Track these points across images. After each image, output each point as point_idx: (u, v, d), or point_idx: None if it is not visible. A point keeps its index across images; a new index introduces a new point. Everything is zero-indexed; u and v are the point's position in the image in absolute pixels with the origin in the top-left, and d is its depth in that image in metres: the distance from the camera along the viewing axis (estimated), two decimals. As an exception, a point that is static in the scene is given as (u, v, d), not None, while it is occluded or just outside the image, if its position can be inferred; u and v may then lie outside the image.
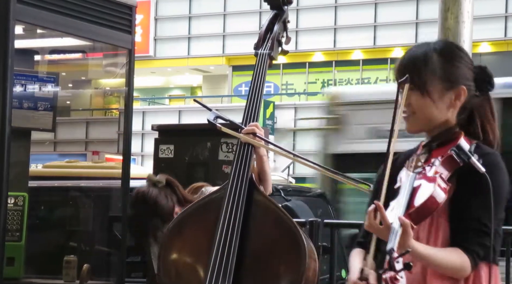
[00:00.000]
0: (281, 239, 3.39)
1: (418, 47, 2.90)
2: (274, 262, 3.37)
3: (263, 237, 3.41)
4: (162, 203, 4.22)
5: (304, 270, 3.26)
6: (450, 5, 5.07)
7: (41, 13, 4.92)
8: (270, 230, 3.41)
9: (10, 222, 5.14)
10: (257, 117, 3.70)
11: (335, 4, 28.81)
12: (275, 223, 3.40)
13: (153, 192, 4.25)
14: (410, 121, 2.82)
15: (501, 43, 27.07)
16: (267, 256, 3.39)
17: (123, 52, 5.70)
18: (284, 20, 4.00)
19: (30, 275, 5.36)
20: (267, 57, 3.83)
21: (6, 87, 4.63)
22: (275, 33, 3.92)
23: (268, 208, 3.43)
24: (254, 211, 3.43)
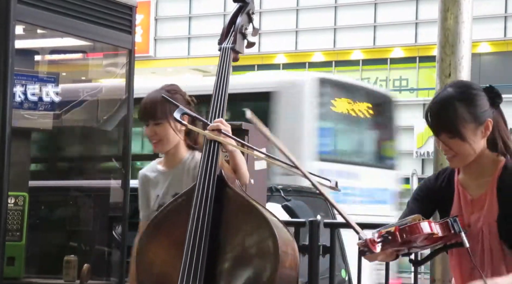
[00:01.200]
0: (253, 230, 3.41)
1: (439, 103, 3.08)
2: (248, 252, 3.40)
3: (236, 230, 3.44)
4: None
5: (278, 259, 3.27)
6: (449, 5, 5.07)
7: (41, 14, 4.92)
8: (242, 223, 3.44)
9: (10, 221, 5.14)
10: (223, 113, 3.65)
11: (335, 4, 28.80)
12: (246, 216, 3.42)
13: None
14: (455, 162, 3.10)
15: (500, 43, 27.06)
16: (241, 248, 3.42)
17: (123, 52, 5.71)
18: (248, 12, 3.98)
19: (30, 275, 5.37)
20: (229, 51, 3.86)
21: (7, 88, 4.64)
22: (237, 26, 3.93)
23: (239, 202, 3.45)
24: (226, 207, 3.44)
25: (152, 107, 3.99)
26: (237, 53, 3.93)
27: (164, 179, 4.01)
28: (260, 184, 4.93)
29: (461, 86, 3.13)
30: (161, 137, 3.98)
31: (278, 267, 3.28)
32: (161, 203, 3.94)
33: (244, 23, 3.96)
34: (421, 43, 27.24)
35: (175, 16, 29.88)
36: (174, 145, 4.02)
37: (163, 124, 3.98)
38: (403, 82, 28.87)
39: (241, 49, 3.93)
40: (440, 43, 5.12)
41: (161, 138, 3.98)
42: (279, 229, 3.37)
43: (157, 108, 3.98)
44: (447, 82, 5.04)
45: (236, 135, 4.76)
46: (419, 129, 25.81)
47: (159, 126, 3.98)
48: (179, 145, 4.04)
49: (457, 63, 5.04)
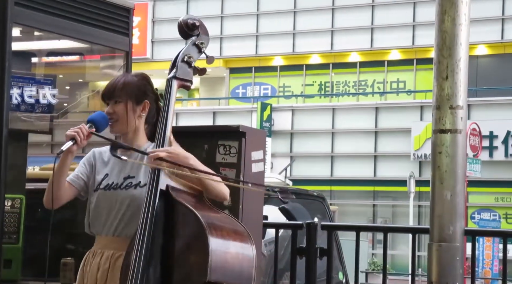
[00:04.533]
0: (192, 235, 3.65)
1: None
2: (188, 255, 3.65)
3: (182, 238, 3.71)
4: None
5: (208, 257, 3.49)
6: (447, 7, 5.07)
7: (38, 16, 4.92)
8: (185, 231, 3.69)
9: (7, 224, 5.14)
10: (165, 141, 3.86)
11: (332, 7, 28.84)
12: (188, 224, 3.65)
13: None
14: None
15: (497, 46, 27.10)
16: (184, 251, 3.68)
17: (120, 54, 5.71)
18: (195, 44, 4.12)
19: (27, 278, 5.36)
20: (171, 80, 3.99)
21: (4, 90, 4.64)
22: (181, 55, 4.06)
23: (183, 214, 3.69)
24: (173, 216, 3.72)
25: (113, 87, 4.07)
26: (185, 81, 4.05)
27: (117, 162, 4.04)
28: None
29: None
30: (118, 117, 4.03)
31: (208, 265, 3.49)
32: (109, 183, 4.01)
33: (190, 53, 4.08)
34: (418, 45, 27.28)
35: (172, 18, 29.88)
36: (132, 129, 4.06)
37: (121, 103, 4.03)
38: (401, 84, 28.90)
39: (187, 76, 4.05)
40: (437, 45, 5.12)
41: (118, 118, 4.03)
42: (213, 232, 3.58)
43: (117, 88, 4.05)
44: (444, 85, 5.06)
45: (234, 137, 4.78)
46: (416, 132, 25.83)
47: (117, 105, 4.04)
48: (138, 131, 4.09)
49: (454, 66, 5.05)
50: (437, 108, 5.06)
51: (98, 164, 4.08)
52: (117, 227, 3.96)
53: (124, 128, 4.06)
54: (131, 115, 4.05)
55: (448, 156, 5.00)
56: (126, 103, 4.05)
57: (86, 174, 4.10)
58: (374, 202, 27.87)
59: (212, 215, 3.72)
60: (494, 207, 25.84)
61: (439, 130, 5.05)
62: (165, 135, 3.87)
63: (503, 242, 5.73)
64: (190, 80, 4.09)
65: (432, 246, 5.02)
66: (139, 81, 4.09)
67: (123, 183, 3.95)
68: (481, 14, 24.45)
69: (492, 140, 25.08)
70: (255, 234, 4.88)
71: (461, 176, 5.04)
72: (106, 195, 4.01)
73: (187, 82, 4.06)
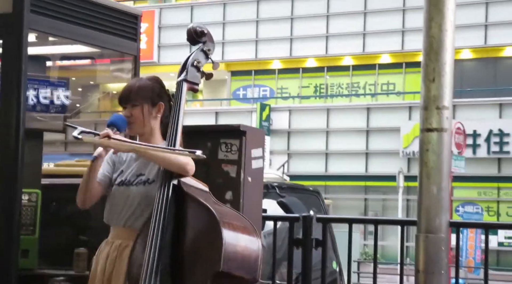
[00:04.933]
0: (204, 227, 3.65)
1: None
2: (201, 245, 3.65)
3: (193, 230, 3.71)
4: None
5: (221, 249, 3.49)
6: (434, 15, 5.08)
7: (52, 22, 4.92)
8: (198, 223, 3.70)
9: (24, 217, 5.14)
10: (176, 139, 3.88)
11: (326, 14, 28.82)
12: (201, 217, 3.66)
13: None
14: None
15: (481, 50, 27.08)
16: (196, 243, 3.67)
17: (129, 58, 5.71)
18: (203, 50, 4.16)
19: (43, 267, 5.36)
20: (182, 83, 4.02)
21: (20, 91, 4.64)
22: (190, 60, 4.09)
23: (195, 207, 3.69)
24: (187, 213, 3.72)
25: (129, 91, 4.08)
26: (193, 84, 4.09)
27: (134, 159, 4.05)
28: (257, 182, 4.93)
29: None
30: (135, 119, 4.04)
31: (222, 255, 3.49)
32: (123, 179, 4.03)
33: (198, 58, 4.12)
34: (407, 50, 27.26)
35: (177, 24, 29.89)
36: (149, 130, 4.07)
37: (137, 107, 4.04)
38: (391, 86, 28.89)
39: (195, 80, 4.09)
40: (425, 50, 5.13)
41: (135, 120, 4.04)
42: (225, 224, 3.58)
43: (133, 92, 4.07)
44: (431, 87, 5.06)
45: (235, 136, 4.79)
46: (405, 131, 25.83)
47: (134, 109, 4.05)
48: (154, 132, 4.10)
49: (440, 69, 5.05)
50: (425, 108, 5.07)
51: (117, 161, 4.10)
52: (128, 219, 3.98)
53: (141, 129, 4.08)
54: (147, 117, 4.07)
55: (434, 153, 5.01)
56: (143, 106, 4.06)
57: (110, 172, 4.12)
58: (366, 196, 27.87)
59: (222, 209, 3.73)
60: (477, 201, 25.84)
61: (426, 129, 5.06)
62: (176, 134, 3.89)
63: (485, 233, 5.73)
64: (198, 84, 4.12)
65: (420, 237, 5.03)
66: (153, 85, 4.12)
67: (135, 179, 3.97)
68: (465, 20, 24.44)
69: (476, 138, 25.08)
70: (255, 226, 4.89)
71: (447, 172, 5.05)
72: (119, 190, 4.03)
73: (195, 85, 4.09)
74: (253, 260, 3.66)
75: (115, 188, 4.06)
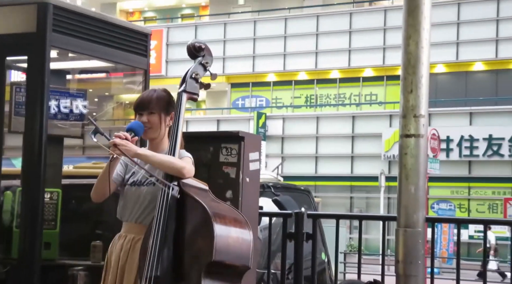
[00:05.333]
0: (200, 222, 3.64)
1: None
2: (197, 239, 3.65)
3: (191, 225, 3.70)
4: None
5: (213, 241, 3.50)
6: (411, 33, 5.09)
7: (72, 40, 4.93)
8: (194, 219, 3.69)
9: (46, 213, 5.13)
10: (176, 146, 3.86)
11: (316, 32, 28.83)
12: (197, 214, 3.65)
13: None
14: None
15: (453, 65, 27.12)
16: (193, 236, 3.67)
17: (140, 72, 5.71)
18: (201, 63, 4.11)
19: (63, 257, 5.36)
20: (181, 94, 3.99)
21: (43, 102, 4.64)
22: (189, 73, 4.05)
23: (192, 205, 3.69)
24: (186, 210, 3.72)
25: (149, 100, 4.07)
26: (192, 94, 4.05)
27: (144, 162, 4.05)
28: (254, 182, 4.93)
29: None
30: (151, 125, 4.04)
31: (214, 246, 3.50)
32: (134, 180, 4.03)
33: (197, 71, 4.08)
34: (388, 64, 27.29)
35: (183, 42, 29.83)
36: (161, 135, 4.07)
37: (155, 114, 4.05)
38: (373, 97, 28.90)
39: (194, 90, 4.05)
40: (403, 64, 5.13)
41: (152, 126, 4.04)
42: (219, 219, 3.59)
43: (152, 101, 4.06)
44: (409, 97, 5.06)
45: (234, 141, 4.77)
46: (386, 136, 25.84)
47: (152, 116, 4.05)
48: (164, 137, 4.10)
49: (417, 81, 5.05)
50: (403, 117, 5.07)
51: (129, 163, 4.10)
52: (139, 216, 3.97)
53: (156, 134, 4.08)
54: (162, 124, 4.07)
55: (412, 156, 5.01)
56: (160, 114, 4.06)
57: (123, 172, 4.11)
58: (351, 195, 27.86)
59: (216, 205, 3.72)
60: (450, 199, 25.84)
61: (405, 135, 5.05)
62: (176, 139, 3.89)
63: (457, 227, 5.73)
64: (197, 94, 4.09)
65: (399, 231, 5.03)
66: (167, 96, 4.11)
67: (145, 180, 3.96)
68: (439, 39, 24.47)
69: (449, 143, 25.09)
70: (252, 221, 4.88)
71: (423, 173, 5.05)
72: (132, 189, 4.03)
73: (194, 95, 4.06)
74: (245, 250, 3.65)
75: (127, 187, 4.05)
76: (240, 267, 3.66)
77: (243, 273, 3.71)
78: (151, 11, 38.25)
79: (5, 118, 5.15)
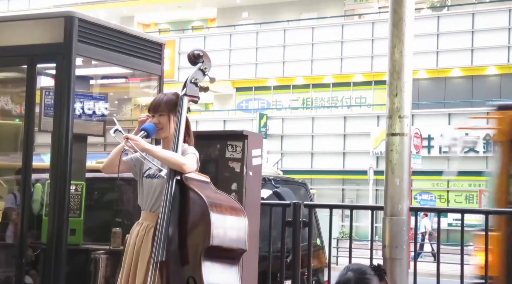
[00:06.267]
0: (199, 211, 3.63)
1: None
2: (197, 226, 3.65)
3: (192, 213, 3.69)
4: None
5: (210, 228, 3.50)
6: (396, 43, 5.09)
7: (95, 50, 4.93)
8: (195, 208, 3.67)
9: (72, 203, 5.15)
10: (178, 144, 3.85)
11: (312, 42, 28.81)
12: (196, 203, 3.65)
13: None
14: None
15: (433, 71, 27.09)
16: (194, 223, 3.67)
17: (155, 78, 5.71)
18: (200, 68, 4.09)
19: (87, 242, 5.37)
20: (182, 97, 3.98)
21: (70, 104, 4.65)
22: (189, 78, 4.05)
23: (193, 196, 3.68)
24: (188, 200, 3.71)
25: (158, 103, 4.07)
26: (193, 97, 4.03)
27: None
28: (256, 175, 4.93)
29: (359, 272, 2.87)
30: (162, 125, 4.03)
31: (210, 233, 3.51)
32: (150, 173, 4.03)
33: (196, 76, 4.07)
34: (375, 71, 27.26)
35: (194, 51, 29.84)
36: (171, 135, 4.04)
37: (164, 116, 4.04)
38: (363, 99, 28.88)
39: (194, 93, 4.04)
40: (389, 71, 5.13)
41: (162, 126, 4.03)
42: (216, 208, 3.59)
43: (161, 104, 4.05)
44: (394, 100, 5.07)
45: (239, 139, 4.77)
46: (375, 135, 25.81)
47: (162, 117, 4.04)
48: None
49: (401, 86, 5.06)
50: (390, 117, 5.07)
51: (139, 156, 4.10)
52: (153, 205, 3.98)
53: (166, 134, 4.07)
54: (171, 124, 4.05)
55: (397, 152, 5.01)
56: (169, 116, 4.05)
57: (136, 162, 4.13)
58: (343, 187, 27.84)
59: (215, 195, 3.72)
60: (431, 190, 25.82)
61: (391, 134, 5.06)
62: (179, 138, 3.87)
63: (437, 216, 5.74)
64: (198, 96, 4.06)
65: (386, 219, 5.03)
66: (176, 99, 4.08)
67: (158, 174, 3.96)
68: (421, 48, 24.46)
69: (430, 141, 25.05)
70: (254, 210, 4.89)
71: (407, 168, 5.06)
72: (146, 181, 4.04)
73: (195, 98, 4.03)
74: (241, 235, 3.66)
75: (144, 179, 4.06)
76: (237, 250, 3.66)
77: (240, 255, 3.71)
78: (165, 24, 38.21)
79: (36, 119, 5.16)
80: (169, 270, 3.63)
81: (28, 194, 4.82)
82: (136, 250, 3.95)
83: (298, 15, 32.41)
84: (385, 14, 27.16)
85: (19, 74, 5.31)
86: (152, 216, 3.94)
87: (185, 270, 3.60)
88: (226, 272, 3.61)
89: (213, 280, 3.52)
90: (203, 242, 3.52)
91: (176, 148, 3.84)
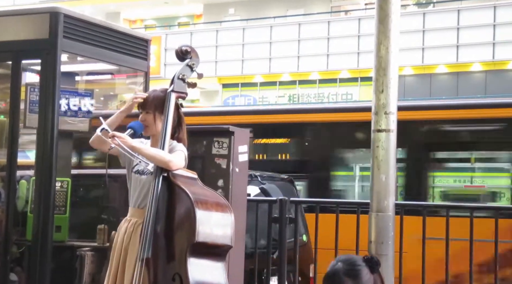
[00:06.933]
0: (185, 208, 3.61)
1: (330, 277, 2.75)
2: (183, 222, 3.62)
3: (178, 210, 3.66)
4: None
5: (195, 224, 3.49)
6: (382, 39, 5.10)
7: (81, 45, 4.91)
8: (181, 204, 3.64)
9: (57, 199, 5.13)
10: (165, 139, 3.82)
11: (298, 38, 28.84)
12: (183, 200, 3.62)
13: None
14: None
15: (419, 68, 27.19)
16: (180, 220, 3.65)
17: (141, 74, 5.70)
18: (188, 64, 4.07)
19: (72, 239, 5.35)
20: (170, 94, 3.95)
21: (55, 100, 4.63)
22: (177, 74, 4.02)
23: (179, 193, 3.66)
24: (174, 197, 3.69)
25: (145, 100, 4.04)
26: (180, 93, 4.00)
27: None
28: (242, 172, 4.93)
29: (348, 263, 2.77)
30: (148, 123, 4.01)
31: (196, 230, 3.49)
32: (138, 169, 4.01)
33: (184, 72, 4.04)
34: (362, 67, 27.31)
35: (180, 47, 29.80)
36: (158, 132, 4.01)
37: (150, 113, 4.01)
38: (349, 96, 28.95)
39: (182, 89, 4.01)
40: (375, 67, 5.14)
41: (148, 124, 4.01)
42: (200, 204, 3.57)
43: (148, 101, 4.03)
44: (380, 97, 5.08)
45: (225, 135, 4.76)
46: (360, 131, 25.86)
47: (147, 115, 4.02)
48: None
49: (387, 82, 5.07)
50: (375, 114, 5.09)
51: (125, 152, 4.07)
52: (141, 202, 3.96)
53: (153, 131, 4.04)
54: (158, 122, 4.01)
55: (383, 149, 5.02)
56: (154, 113, 4.02)
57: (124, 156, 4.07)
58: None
59: (201, 192, 3.70)
60: (417, 186, 25.93)
61: (377, 130, 5.07)
62: (165, 135, 3.84)
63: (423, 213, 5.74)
64: (185, 92, 4.04)
65: (372, 215, 5.05)
66: (164, 96, 4.02)
67: (146, 170, 3.94)
68: (407, 44, 24.55)
69: (416, 137, 25.16)
70: (241, 206, 4.89)
71: (393, 164, 5.07)
72: (135, 177, 4.02)
73: (182, 94, 4.01)
74: (226, 231, 3.64)
75: (133, 175, 4.04)
76: (223, 246, 3.65)
77: (226, 251, 3.70)
78: (151, 20, 38.10)
79: (21, 115, 5.13)
80: (156, 267, 3.62)
81: (13, 191, 4.79)
82: (124, 247, 3.94)
83: (285, 11, 32.45)
84: (372, 10, 27.21)
85: (3, 70, 5.28)
86: (140, 213, 3.92)
87: (171, 267, 3.59)
88: (212, 268, 3.60)
89: (198, 276, 3.50)
90: (189, 238, 3.51)
91: (163, 145, 3.82)
